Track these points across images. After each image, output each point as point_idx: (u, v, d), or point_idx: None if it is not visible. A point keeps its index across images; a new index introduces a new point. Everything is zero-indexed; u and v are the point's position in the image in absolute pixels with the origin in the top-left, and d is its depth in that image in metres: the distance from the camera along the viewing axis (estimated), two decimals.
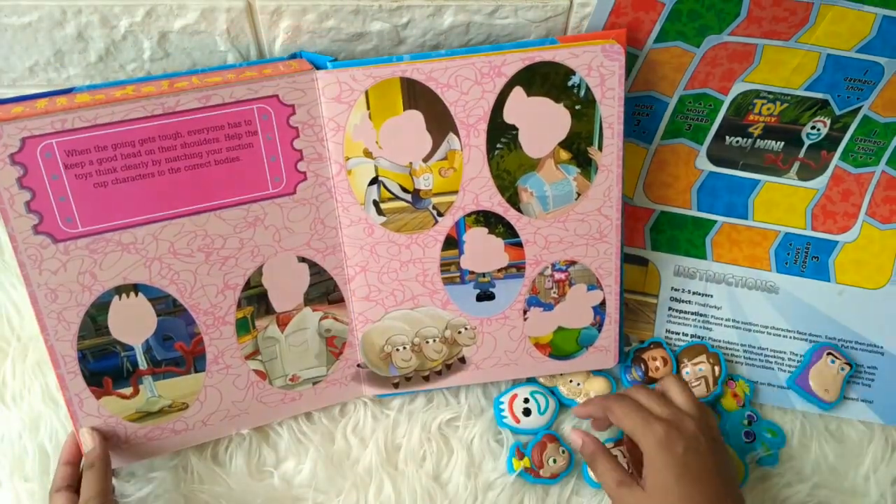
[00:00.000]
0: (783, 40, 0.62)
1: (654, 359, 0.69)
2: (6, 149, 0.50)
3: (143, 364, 0.58)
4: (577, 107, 0.59)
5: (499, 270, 0.64)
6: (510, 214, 0.62)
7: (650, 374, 0.68)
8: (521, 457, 0.63)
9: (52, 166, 0.51)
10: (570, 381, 0.68)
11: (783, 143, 0.67)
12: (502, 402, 0.66)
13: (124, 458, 0.60)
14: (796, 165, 0.68)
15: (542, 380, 0.69)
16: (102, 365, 0.57)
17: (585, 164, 0.61)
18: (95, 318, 0.55)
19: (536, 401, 0.66)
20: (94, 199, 0.53)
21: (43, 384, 0.64)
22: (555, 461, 0.63)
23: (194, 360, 0.59)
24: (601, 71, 0.58)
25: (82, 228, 0.53)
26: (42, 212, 0.52)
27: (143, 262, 0.55)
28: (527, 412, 0.65)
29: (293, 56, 0.60)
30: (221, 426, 0.62)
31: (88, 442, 0.57)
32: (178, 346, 0.58)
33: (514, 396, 0.66)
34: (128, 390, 0.58)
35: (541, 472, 0.63)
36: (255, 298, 0.60)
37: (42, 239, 0.52)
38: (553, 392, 0.68)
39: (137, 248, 0.55)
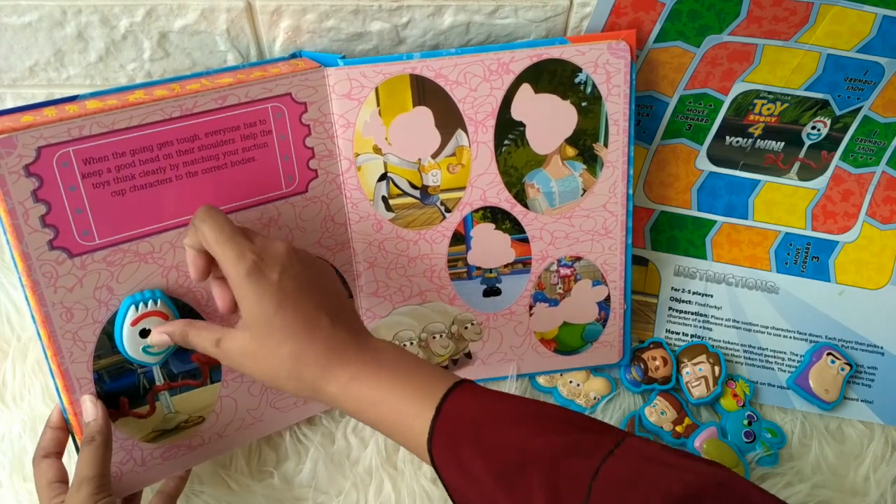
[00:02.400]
0: (783, 40, 0.62)
1: (654, 358, 0.68)
2: (21, 160, 0.46)
3: (159, 380, 0.56)
4: (584, 104, 0.59)
5: (505, 266, 0.64)
6: (517, 210, 0.62)
7: (650, 373, 0.68)
8: None
9: (69, 176, 0.48)
10: (570, 382, 0.68)
11: (783, 143, 0.66)
12: None
13: (140, 481, 0.57)
14: (796, 166, 0.68)
15: (541, 380, 0.69)
16: (119, 384, 0.54)
17: (591, 161, 0.61)
18: (112, 335, 0.53)
19: None
20: (111, 209, 0.50)
21: (43, 384, 0.64)
22: None
23: (210, 371, 0.58)
24: (607, 68, 0.59)
25: (99, 241, 0.50)
26: (58, 225, 0.49)
27: (161, 271, 0.53)
28: None
29: (293, 56, 0.60)
30: (236, 437, 0.60)
31: (90, 411, 0.51)
32: (195, 358, 0.56)
33: None
34: (144, 409, 0.56)
35: None
36: None
37: (58, 254, 0.49)
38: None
39: (155, 256, 0.53)
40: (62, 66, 0.61)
